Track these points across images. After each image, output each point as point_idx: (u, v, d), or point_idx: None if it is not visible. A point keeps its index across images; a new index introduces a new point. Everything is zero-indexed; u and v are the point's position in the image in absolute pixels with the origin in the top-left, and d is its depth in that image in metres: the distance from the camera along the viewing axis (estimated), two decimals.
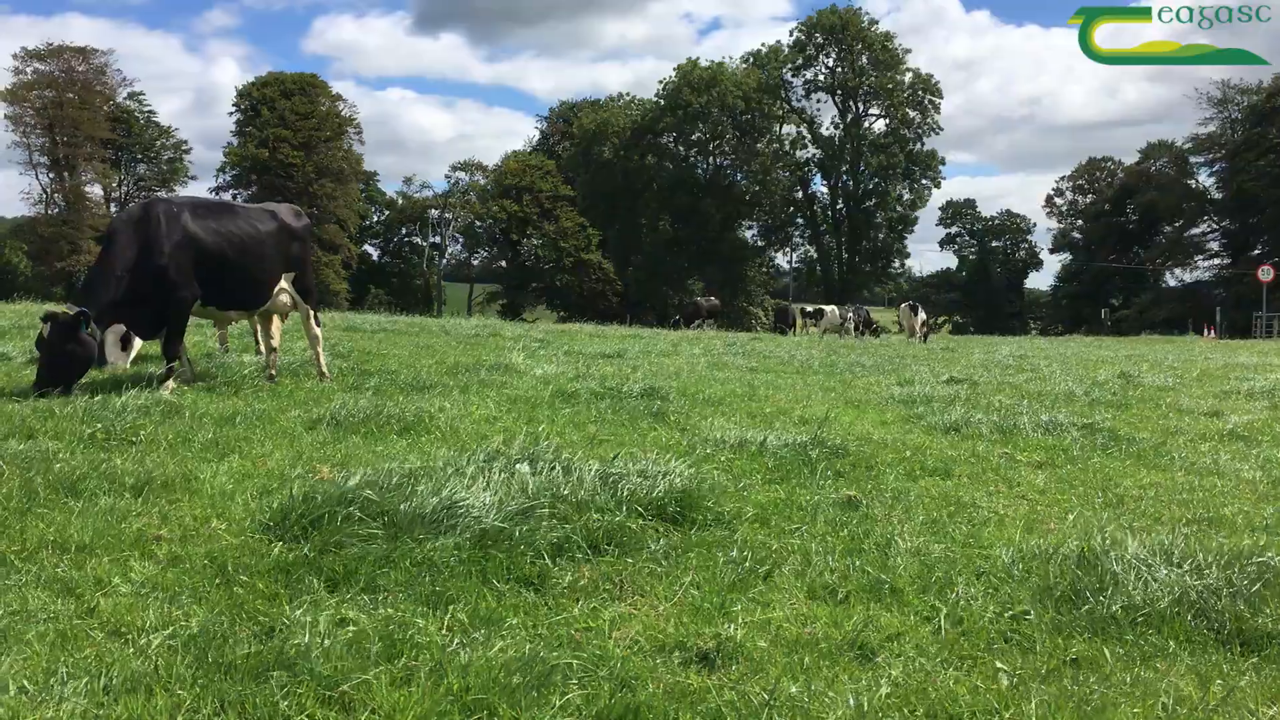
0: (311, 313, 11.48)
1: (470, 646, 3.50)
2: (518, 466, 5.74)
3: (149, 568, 4.24)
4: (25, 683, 3.03)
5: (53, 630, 3.49)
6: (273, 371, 11.12)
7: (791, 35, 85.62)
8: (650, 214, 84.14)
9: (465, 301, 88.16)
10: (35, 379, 9.04)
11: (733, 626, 3.87)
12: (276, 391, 10.08)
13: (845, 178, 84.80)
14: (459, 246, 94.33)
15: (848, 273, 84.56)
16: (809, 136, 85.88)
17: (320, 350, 11.60)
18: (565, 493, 5.26)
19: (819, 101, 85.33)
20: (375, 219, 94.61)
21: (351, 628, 3.56)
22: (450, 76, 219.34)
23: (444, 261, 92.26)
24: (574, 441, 7.58)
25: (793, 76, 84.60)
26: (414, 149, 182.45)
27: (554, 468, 5.75)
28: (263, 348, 14.48)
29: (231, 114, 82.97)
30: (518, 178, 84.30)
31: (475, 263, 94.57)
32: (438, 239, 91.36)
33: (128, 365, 11.27)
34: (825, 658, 3.66)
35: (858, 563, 4.77)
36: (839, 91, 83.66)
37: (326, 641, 3.39)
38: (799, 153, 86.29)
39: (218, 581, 4.08)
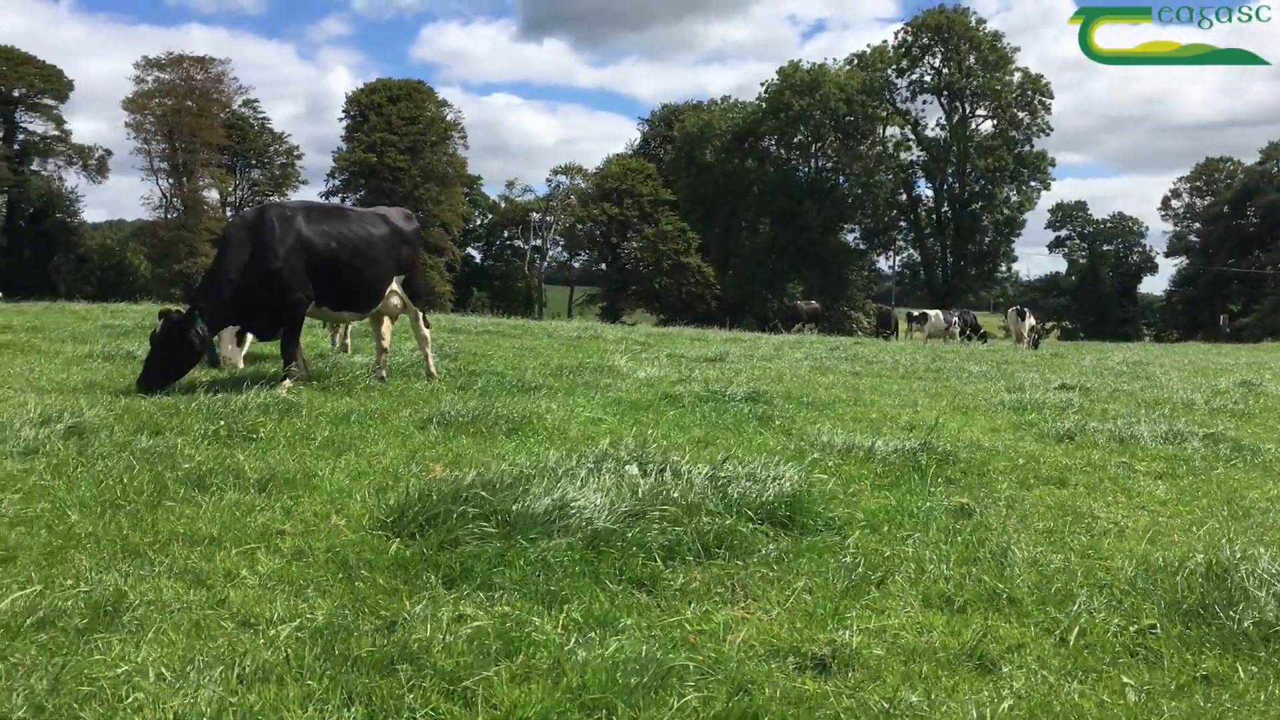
0: (421, 314, 11.69)
1: (586, 646, 3.53)
2: (627, 468, 5.78)
3: (274, 561, 4.37)
4: (164, 670, 3.14)
5: (187, 620, 3.62)
6: (383, 372, 11.36)
7: (896, 36, 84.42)
8: (750, 217, 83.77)
9: (565, 304, 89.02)
10: (141, 374, 9.42)
11: (847, 633, 3.83)
12: (387, 391, 10.30)
13: (951, 180, 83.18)
14: (560, 249, 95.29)
15: (952, 277, 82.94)
16: (914, 138, 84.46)
17: (429, 351, 11.82)
18: (675, 495, 5.27)
19: (924, 103, 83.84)
20: (478, 222, 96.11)
21: (471, 624, 3.62)
22: (554, 81, 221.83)
23: (545, 264, 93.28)
24: (680, 444, 7.58)
25: (898, 78, 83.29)
26: (517, 153, 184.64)
27: (663, 470, 5.77)
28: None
29: (341, 120, 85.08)
30: (618, 181, 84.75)
31: (575, 265, 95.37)
32: (539, 242, 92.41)
33: (240, 364, 11.66)
34: (944, 667, 3.61)
35: (973, 571, 4.68)
36: (945, 92, 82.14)
37: (448, 637, 3.45)
38: (903, 155, 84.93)
39: (340, 576, 4.18)
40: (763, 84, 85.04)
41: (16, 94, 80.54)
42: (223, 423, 7.52)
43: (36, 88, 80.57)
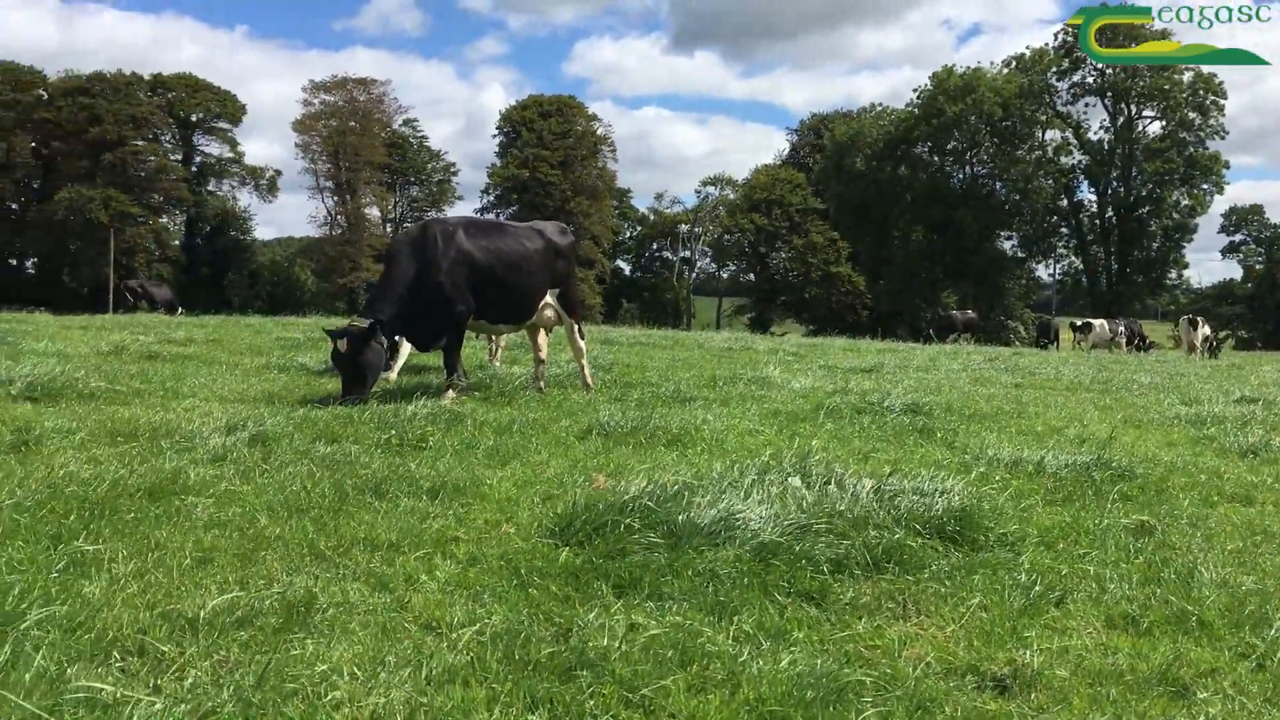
0: (576, 326, 11.88)
1: (760, 658, 3.52)
2: (790, 480, 5.74)
3: (451, 567, 4.50)
4: (355, 670, 3.27)
5: (373, 622, 3.77)
6: (541, 383, 11.58)
7: (1057, 38, 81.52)
8: (903, 225, 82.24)
9: (714, 315, 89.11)
10: (342, 389, 9.80)
11: (1028, 653, 3.72)
12: (546, 402, 10.49)
13: (1115, 184, 79.85)
14: (708, 260, 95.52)
15: (1117, 284, 79.57)
16: (1075, 142, 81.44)
17: (585, 362, 12.00)
18: (841, 508, 5.21)
19: (1087, 105, 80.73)
20: (628, 235, 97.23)
21: (645, 633, 3.65)
22: (704, 93, 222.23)
23: (693, 275, 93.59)
24: (840, 456, 7.49)
25: (1058, 80, 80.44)
26: (666, 166, 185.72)
27: (828, 483, 5.72)
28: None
29: (495, 136, 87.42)
30: (767, 191, 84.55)
31: (724, 276, 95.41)
32: (687, 253, 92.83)
33: (394, 376, 12.04)
34: (1133, 691, 3.47)
35: (1158, 592, 4.49)
36: (1109, 94, 78.98)
37: (624, 646, 3.50)
38: (1064, 159, 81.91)
39: (515, 583, 4.28)
40: (915, 90, 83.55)
41: (195, 119, 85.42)
42: (394, 432, 7.79)
43: (213, 112, 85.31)
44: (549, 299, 11.53)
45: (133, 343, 16.04)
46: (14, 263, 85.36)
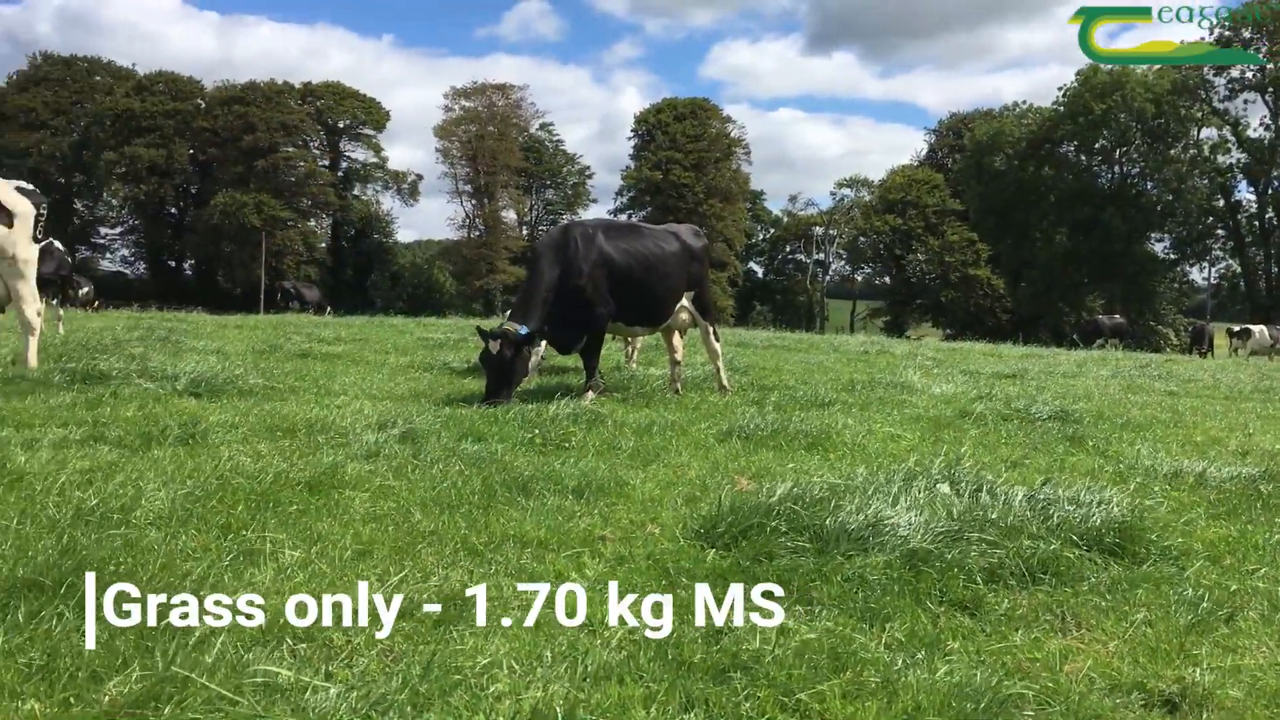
0: (711, 329, 11.89)
1: (915, 666, 3.47)
2: (939, 487, 5.63)
3: (599, 565, 4.56)
4: (514, 664, 3.35)
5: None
6: (678, 385, 11.63)
7: (1213, 32, 77.67)
8: (1046, 227, 79.74)
9: (847, 318, 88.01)
10: (486, 390, 10.00)
11: (1197, 671, 3.57)
12: (684, 404, 10.53)
13: (1276, 184, 75.93)
14: (842, 263, 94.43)
15: (1278, 289, 75.67)
16: (1233, 140, 77.67)
17: (720, 365, 12.00)
18: (994, 516, 5.08)
19: (1246, 102, 76.92)
20: (760, 237, 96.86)
21: (796, 637, 3.63)
22: (841, 94, 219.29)
23: (827, 278, 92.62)
24: (987, 463, 7.31)
25: (1215, 75, 76.90)
26: (801, 167, 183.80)
27: (978, 490, 5.59)
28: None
29: (629, 139, 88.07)
30: (903, 192, 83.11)
31: (858, 279, 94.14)
32: (821, 256, 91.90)
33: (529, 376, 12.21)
34: None
35: None
36: (1271, 89, 75.09)
37: (777, 650, 3.49)
38: (1220, 158, 78.20)
39: (664, 583, 4.31)
40: (1060, 88, 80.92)
41: (342, 125, 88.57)
42: (537, 431, 7.93)
43: (359, 119, 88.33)
44: (684, 301, 11.57)
45: (285, 342, 16.72)
46: (173, 264, 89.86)
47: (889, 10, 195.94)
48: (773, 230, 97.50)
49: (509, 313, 10.91)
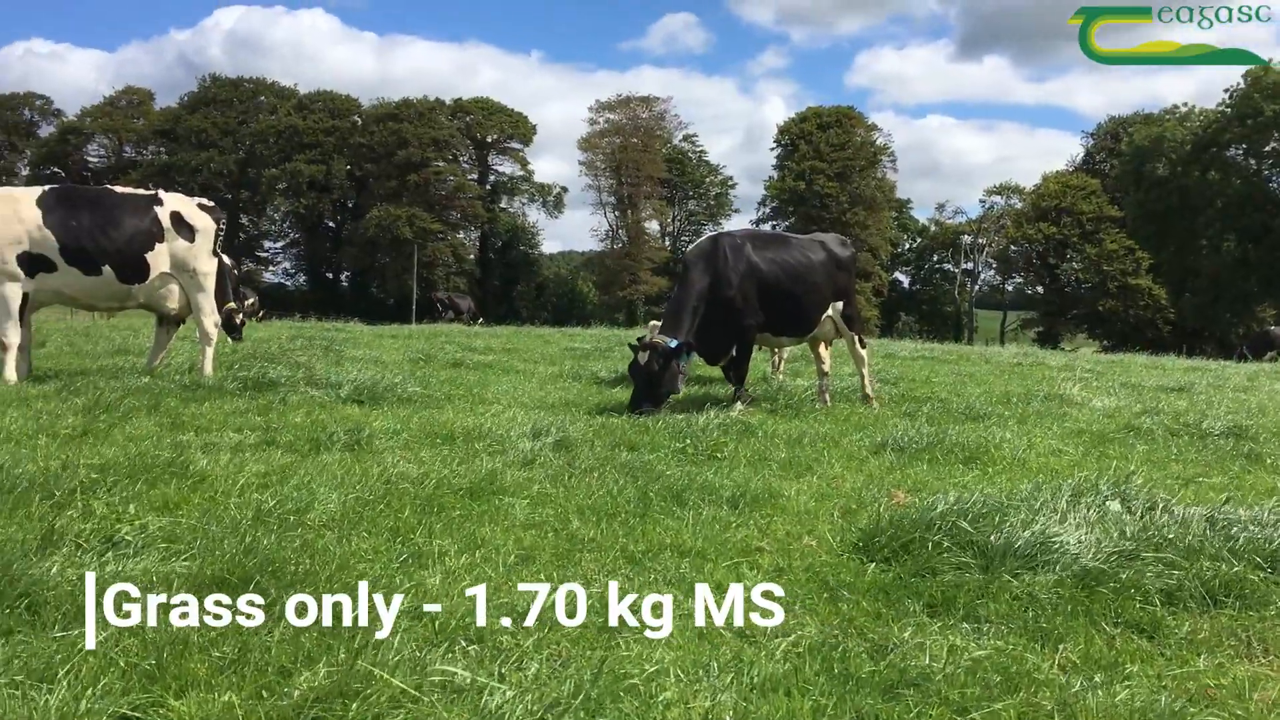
0: (857, 339, 11.72)
1: (1092, 690, 3.35)
2: (1109, 504, 5.44)
3: (757, 576, 4.54)
4: (680, 672, 3.36)
5: (689, 626, 3.85)
6: (826, 396, 11.51)
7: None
8: (1212, 234, 75.85)
9: (997, 329, 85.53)
10: (632, 400, 10.10)
11: None
12: (834, 415, 10.41)
13: None
14: (992, 272, 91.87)
15: None
16: None
17: (866, 374, 11.82)
18: (1170, 536, 4.87)
19: None
20: (906, 246, 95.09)
21: (966, 656, 3.55)
22: (991, 99, 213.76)
23: (975, 288, 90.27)
24: (1157, 480, 7.01)
25: None
26: (950, 174, 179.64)
27: (1151, 509, 5.37)
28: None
29: (772, 149, 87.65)
30: (1057, 199, 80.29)
31: (1008, 289, 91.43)
32: (970, 265, 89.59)
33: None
34: None
35: None
36: None
37: (948, 667, 3.42)
38: None
39: (824, 596, 4.27)
40: (1226, 90, 76.97)
41: (490, 139, 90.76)
42: (688, 441, 7.96)
43: (506, 133, 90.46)
44: (830, 312, 11.44)
45: (438, 352, 17.19)
46: (330, 276, 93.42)
47: (1042, 13, 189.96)
48: (919, 239, 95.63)
49: (654, 324, 10.98)
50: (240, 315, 20.18)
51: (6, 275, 10.56)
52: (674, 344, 10.00)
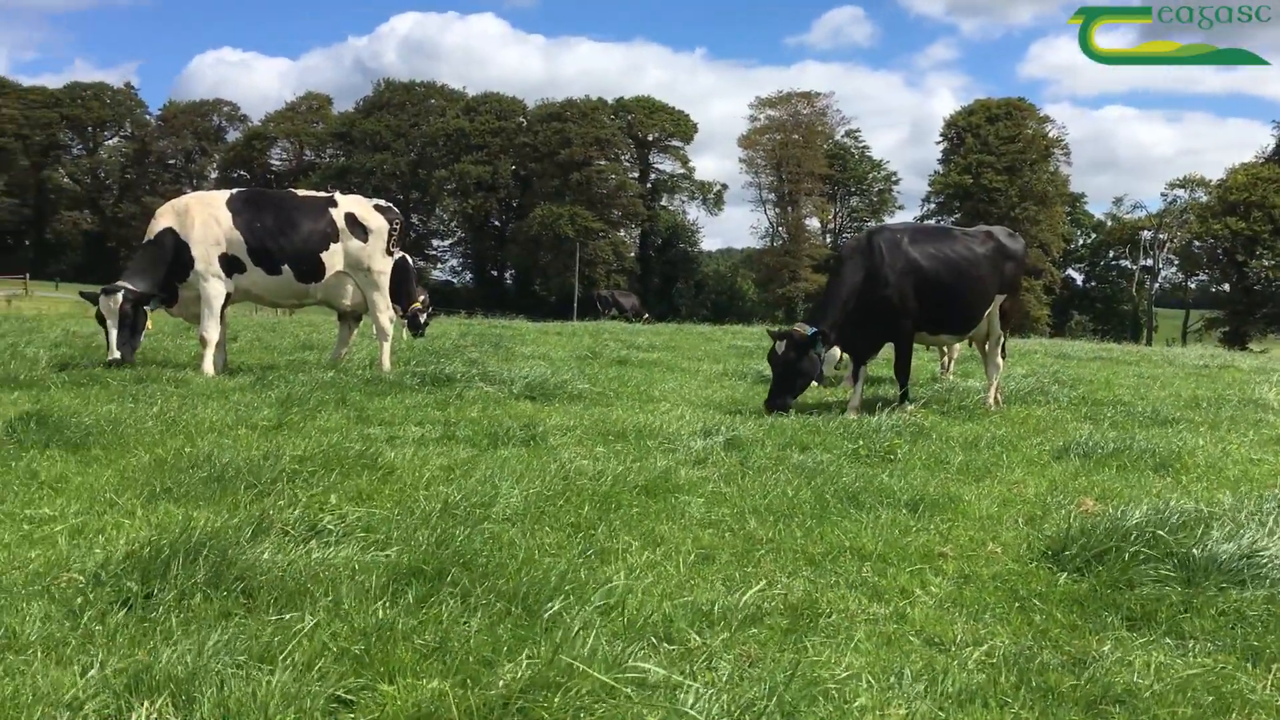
0: (1002, 338, 11.30)
1: None
2: None
3: (943, 583, 4.45)
4: (870, 677, 3.32)
5: (876, 632, 3.80)
6: (999, 395, 11.15)
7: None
8: None
9: (1178, 328, 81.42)
10: (770, 391, 10.07)
11: None
12: (1009, 417, 10.09)
13: None
14: (1173, 269, 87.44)
15: None
16: None
17: (995, 378, 11.24)
18: None
19: None
20: (1080, 242, 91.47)
21: (1174, 673, 3.39)
22: (1176, 89, 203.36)
23: (1155, 285, 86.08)
24: None
25: None
26: (1129, 167, 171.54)
27: None
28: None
29: (939, 143, 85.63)
30: (1246, 192, 75.83)
31: (1192, 286, 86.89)
32: (1149, 262, 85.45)
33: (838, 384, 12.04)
34: None
35: None
36: None
37: (1156, 685, 3.27)
38: None
39: (1015, 605, 4.15)
40: None
41: (651, 138, 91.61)
42: (861, 442, 7.85)
43: (668, 132, 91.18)
44: (992, 307, 11.02)
45: (603, 349, 17.41)
46: (495, 273, 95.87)
47: None
48: (1094, 235, 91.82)
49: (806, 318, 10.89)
50: (425, 313, 20.93)
51: (212, 275, 11.23)
52: (810, 332, 9.89)
